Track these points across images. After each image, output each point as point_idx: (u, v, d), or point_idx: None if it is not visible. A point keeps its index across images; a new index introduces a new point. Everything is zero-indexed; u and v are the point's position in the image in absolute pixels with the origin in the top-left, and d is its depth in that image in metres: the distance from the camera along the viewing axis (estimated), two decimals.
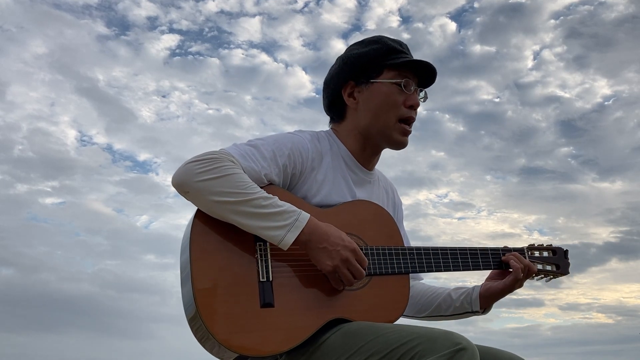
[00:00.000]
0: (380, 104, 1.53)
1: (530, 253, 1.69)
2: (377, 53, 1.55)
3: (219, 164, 1.31)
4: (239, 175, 1.32)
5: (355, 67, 1.56)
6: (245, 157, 1.38)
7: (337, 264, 1.33)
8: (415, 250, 1.53)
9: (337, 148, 1.58)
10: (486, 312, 1.63)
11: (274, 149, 1.43)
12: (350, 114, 1.59)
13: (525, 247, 1.70)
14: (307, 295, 1.37)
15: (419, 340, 1.15)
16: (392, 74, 1.53)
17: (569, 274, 1.73)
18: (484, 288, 1.61)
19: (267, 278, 1.33)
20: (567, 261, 1.74)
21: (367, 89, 1.55)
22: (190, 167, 1.31)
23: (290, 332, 1.31)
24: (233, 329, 1.27)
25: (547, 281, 1.72)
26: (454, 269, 1.56)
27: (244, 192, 1.30)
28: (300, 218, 1.31)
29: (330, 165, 1.53)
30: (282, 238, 1.29)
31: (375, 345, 1.21)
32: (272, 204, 1.31)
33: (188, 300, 1.29)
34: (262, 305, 1.30)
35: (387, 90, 1.53)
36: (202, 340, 1.29)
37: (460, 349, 1.11)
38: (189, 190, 1.32)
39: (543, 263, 1.71)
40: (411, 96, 1.54)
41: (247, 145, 1.42)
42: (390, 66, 1.54)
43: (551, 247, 1.74)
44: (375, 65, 1.54)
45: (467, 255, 1.59)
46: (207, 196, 1.30)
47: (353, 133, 1.58)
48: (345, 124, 1.60)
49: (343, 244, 1.34)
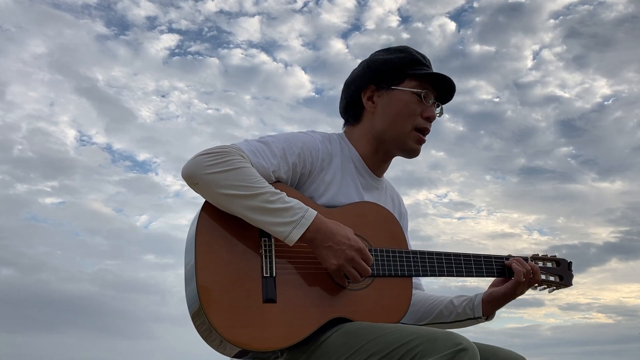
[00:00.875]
0: (398, 111, 1.55)
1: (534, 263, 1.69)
2: (402, 61, 1.56)
3: (229, 157, 1.32)
4: (248, 169, 1.33)
5: (379, 72, 1.57)
6: (256, 153, 1.39)
7: (342, 263, 1.33)
8: (419, 253, 1.53)
9: (347, 151, 1.59)
10: (489, 319, 1.62)
11: (285, 147, 1.44)
12: (366, 117, 1.60)
13: (530, 257, 1.70)
14: (310, 292, 1.37)
15: (419, 340, 1.15)
16: (414, 84, 1.56)
17: (571, 285, 1.73)
18: (487, 294, 1.60)
19: (271, 274, 1.34)
20: (571, 273, 1.74)
21: (387, 94, 1.56)
22: (200, 159, 1.32)
23: (291, 328, 1.31)
24: (235, 324, 1.27)
25: (550, 292, 1.72)
26: (457, 274, 1.56)
27: (252, 186, 1.31)
28: (307, 215, 1.32)
29: (340, 167, 1.54)
30: (288, 234, 1.30)
31: (375, 345, 1.21)
32: (280, 200, 1.32)
33: (192, 293, 1.30)
34: (265, 300, 1.31)
35: (407, 99, 1.55)
36: (205, 334, 1.30)
37: (461, 349, 1.11)
38: (198, 182, 1.33)
39: (546, 274, 1.71)
40: (429, 108, 1.56)
41: (258, 142, 1.43)
42: (413, 76, 1.56)
43: (555, 257, 1.74)
44: (398, 73, 1.56)
45: (471, 261, 1.59)
46: (216, 189, 1.31)
47: (367, 137, 1.59)
48: (359, 127, 1.61)
49: (349, 243, 1.34)
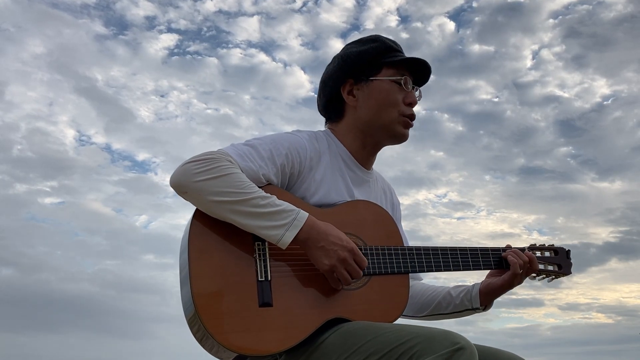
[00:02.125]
0: (381, 101, 1.54)
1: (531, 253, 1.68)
2: (376, 51, 1.56)
3: (217, 164, 1.31)
4: (237, 175, 1.32)
5: (355, 65, 1.56)
6: (243, 157, 1.38)
7: (335, 264, 1.32)
8: (415, 250, 1.52)
9: (335, 147, 1.57)
10: (487, 309, 1.62)
11: (272, 148, 1.43)
12: (349, 111, 1.59)
13: (527, 247, 1.68)
14: (306, 294, 1.36)
15: (417, 339, 1.14)
16: (391, 72, 1.55)
17: (571, 274, 1.72)
18: (484, 285, 1.60)
19: (266, 277, 1.33)
20: (569, 261, 1.73)
21: (367, 86, 1.55)
22: (188, 167, 1.31)
23: (288, 331, 1.30)
24: (231, 329, 1.26)
25: (549, 281, 1.70)
26: (454, 269, 1.56)
27: (242, 191, 1.30)
28: (298, 217, 1.31)
29: (329, 164, 1.53)
30: (280, 237, 1.29)
31: (373, 344, 1.20)
32: (270, 203, 1.31)
33: (187, 300, 1.29)
34: (261, 304, 1.30)
35: (388, 88, 1.54)
36: (202, 340, 1.29)
37: (458, 348, 1.10)
38: (187, 191, 1.32)
39: (545, 263, 1.70)
40: (409, 94, 1.56)
41: (245, 145, 1.42)
42: (389, 64, 1.55)
43: (553, 247, 1.72)
44: (374, 63, 1.55)
45: (467, 255, 1.58)
46: (206, 196, 1.30)
47: (353, 131, 1.58)
48: (343, 123, 1.60)
49: (341, 243, 1.33)
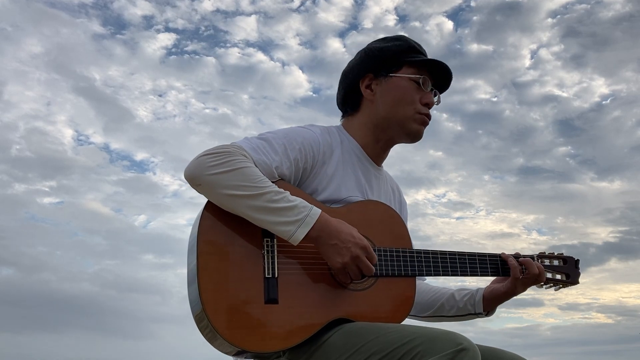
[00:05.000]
0: (398, 97, 1.55)
1: (540, 261, 1.67)
2: (399, 49, 1.57)
3: (231, 157, 1.32)
4: (251, 169, 1.33)
5: (376, 60, 1.58)
6: (257, 150, 1.39)
7: (347, 261, 1.32)
8: (424, 253, 1.52)
9: (347, 142, 1.58)
10: (489, 315, 1.62)
11: (285, 142, 1.44)
12: (365, 105, 1.60)
13: (536, 255, 1.68)
14: (312, 293, 1.37)
15: (420, 340, 1.14)
16: (411, 71, 1.56)
17: (578, 283, 1.71)
18: (488, 290, 1.60)
19: (273, 274, 1.34)
20: (578, 271, 1.72)
21: (386, 82, 1.57)
22: (202, 160, 1.32)
23: (293, 329, 1.31)
24: (237, 324, 1.27)
25: (557, 290, 1.70)
26: (462, 274, 1.55)
27: (255, 186, 1.30)
28: (311, 214, 1.31)
29: (341, 159, 1.53)
30: (292, 233, 1.30)
31: (376, 344, 1.21)
32: (284, 199, 1.31)
33: (194, 295, 1.30)
34: (267, 301, 1.31)
35: (406, 85, 1.55)
36: (207, 335, 1.30)
37: (461, 349, 1.10)
38: (201, 184, 1.33)
39: (553, 272, 1.69)
40: (427, 94, 1.57)
41: (259, 139, 1.43)
42: (410, 63, 1.56)
43: (562, 255, 1.72)
44: (395, 60, 1.57)
45: (476, 261, 1.57)
46: (219, 189, 1.31)
47: (367, 126, 1.60)
48: (358, 117, 1.61)
49: (354, 240, 1.33)
